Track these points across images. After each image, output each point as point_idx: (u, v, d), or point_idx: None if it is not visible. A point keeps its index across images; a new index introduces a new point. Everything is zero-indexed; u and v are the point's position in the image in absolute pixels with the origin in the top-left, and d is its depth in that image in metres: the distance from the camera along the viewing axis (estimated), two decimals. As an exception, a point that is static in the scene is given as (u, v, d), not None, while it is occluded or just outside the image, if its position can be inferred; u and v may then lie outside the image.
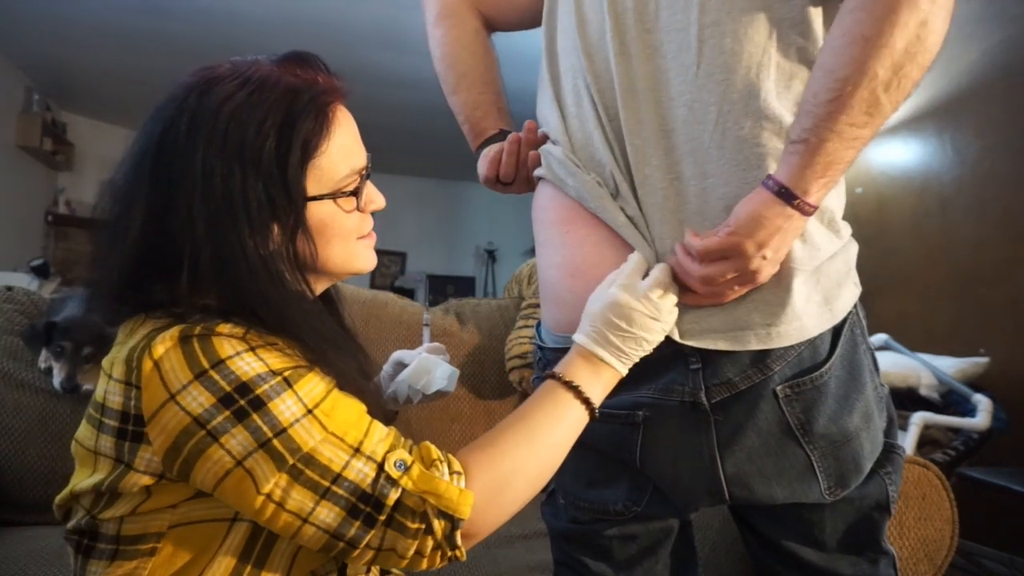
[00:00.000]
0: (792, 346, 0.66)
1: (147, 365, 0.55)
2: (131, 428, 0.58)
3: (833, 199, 0.68)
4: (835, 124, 0.57)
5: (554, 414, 0.65)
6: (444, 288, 7.33)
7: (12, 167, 4.70)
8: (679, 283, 0.67)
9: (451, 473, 0.58)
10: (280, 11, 3.72)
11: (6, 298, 1.48)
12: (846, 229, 0.71)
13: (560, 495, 0.85)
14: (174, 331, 0.56)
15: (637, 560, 0.82)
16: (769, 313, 0.66)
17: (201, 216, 0.59)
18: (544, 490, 0.87)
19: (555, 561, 0.89)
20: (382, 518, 0.55)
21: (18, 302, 1.49)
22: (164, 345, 0.56)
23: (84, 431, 0.63)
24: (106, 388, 0.60)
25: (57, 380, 1.33)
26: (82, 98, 5.29)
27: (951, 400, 2.12)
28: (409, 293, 6.97)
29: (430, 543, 0.57)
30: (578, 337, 0.68)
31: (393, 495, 0.55)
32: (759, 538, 0.80)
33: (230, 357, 0.55)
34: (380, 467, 0.56)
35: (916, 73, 0.56)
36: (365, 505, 0.55)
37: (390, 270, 7.47)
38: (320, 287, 0.70)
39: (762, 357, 0.66)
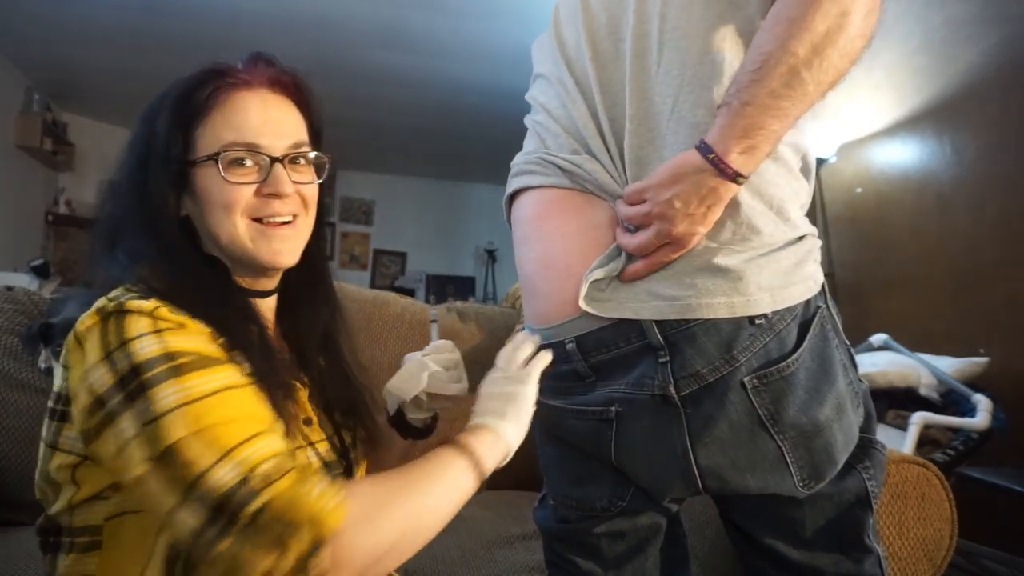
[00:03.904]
0: (757, 337, 0.67)
1: (72, 344, 0.58)
2: (60, 408, 0.61)
3: (784, 188, 0.69)
4: (755, 89, 0.62)
5: (443, 474, 0.63)
6: (444, 288, 7.33)
7: (12, 167, 4.70)
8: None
9: (326, 490, 0.54)
10: (280, 10, 3.72)
11: (6, 298, 1.48)
12: (804, 224, 0.72)
13: (550, 496, 0.86)
14: (93, 309, 0.59)
15: (626, 558, 0.82)
16: (682, 285, 0.68)
17: (125, 192, 0.69)
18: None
19: (546, 561, 0.89)
20: (236, 527, 0.51)
21: (18, 302, 1.49)
22: (84, 324, 0.58)
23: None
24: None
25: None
26: (82, 98, 5.29)
27: (951, 400, 2.11)
28: (409, 293, 6.97)
29: (288, 562, 0.51)
30: (481, 420, 0.69)
31: (254, 505, 0.52)
32: (743, 536, 0.81)
33: (134, 338, 0.56)
34: (247, 476, 0.53)
35: (839, 60, 0.62)
36: (222, 511, 0.52)
37: (390, 270, 7.47)
38: (242, 274, 0.72)
39: (728, 348, 0.67)
